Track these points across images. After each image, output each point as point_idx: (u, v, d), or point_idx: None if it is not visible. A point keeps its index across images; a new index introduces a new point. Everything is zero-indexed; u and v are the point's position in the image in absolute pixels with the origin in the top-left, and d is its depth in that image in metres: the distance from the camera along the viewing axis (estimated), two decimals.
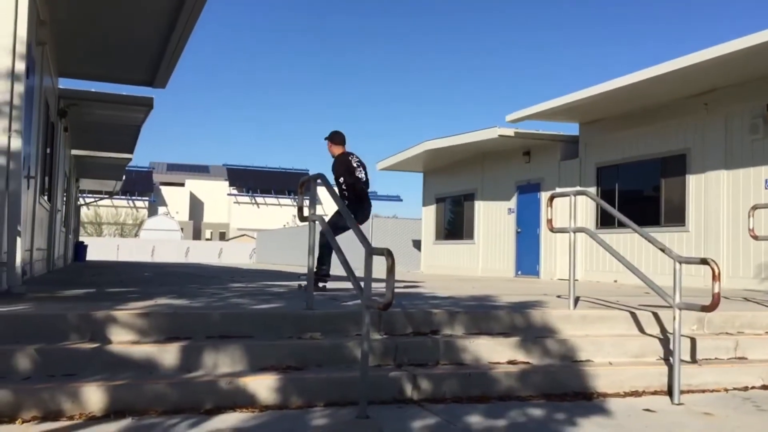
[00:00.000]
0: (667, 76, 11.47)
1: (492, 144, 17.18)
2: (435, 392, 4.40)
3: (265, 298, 6.50)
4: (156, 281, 9.68)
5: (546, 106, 14.31)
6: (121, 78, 12.64)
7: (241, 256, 48.66)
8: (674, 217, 13.15)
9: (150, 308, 4.94)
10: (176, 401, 3.91)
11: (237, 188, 63.30)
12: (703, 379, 4.97)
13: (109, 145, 17.89)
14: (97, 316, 4.50)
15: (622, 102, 13.49)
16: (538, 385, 4.62)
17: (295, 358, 4.51)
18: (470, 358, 4.84)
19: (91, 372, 4.07)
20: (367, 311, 4.02)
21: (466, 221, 20.00)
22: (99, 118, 14.63)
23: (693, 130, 12.88)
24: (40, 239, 10.74)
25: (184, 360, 4.29)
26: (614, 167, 14.77)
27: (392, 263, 3.79)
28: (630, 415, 4.17)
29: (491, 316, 5.34)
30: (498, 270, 18.29)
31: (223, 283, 9.41)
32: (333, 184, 5.05)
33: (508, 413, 4.11)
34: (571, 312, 5.63)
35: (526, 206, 17.31)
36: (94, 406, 3.77)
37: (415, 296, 7.11)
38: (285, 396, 4.11)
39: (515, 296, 7.45)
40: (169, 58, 10.79)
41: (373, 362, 4.57)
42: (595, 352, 5.12)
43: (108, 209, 57.19)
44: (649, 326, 5.59)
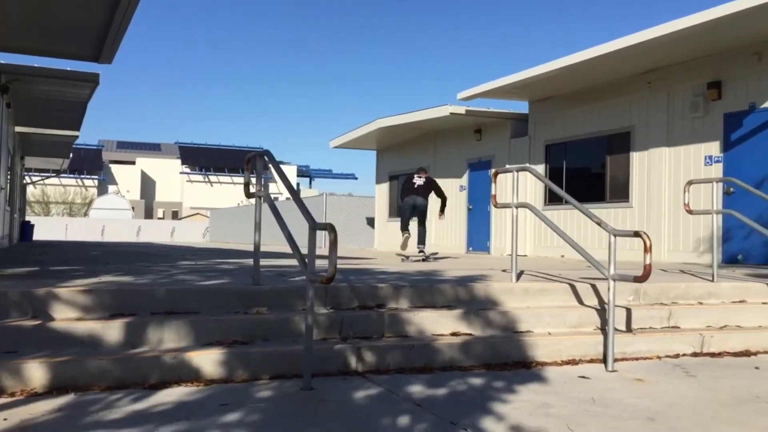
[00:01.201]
0: (612, 55, 11.70)
1: (444, 122, 17.30)
2: (379, 364, 4.50)
3: (213, 274, 6.51)
4: (103, 260, 9.57)
5: (496, 84, 14.46)
6: (66, 53, 12.31)
7: (195, 235, 48.14)
8: (619, 193, 13.49)
9: (94, 285, 4.92)
10: (120, 377, 3.92)
11: (189, 166, 62.38)
12: (637, 348, 5.18)
13: (54, 121, 17.46)
14: (39, 294, 4.47)
15: (570, 80, 13.71)
16: (480, 355, 4.76)
17: (242, 332, 4.56)
18: (414, 331, 4.95)
19: (32, 349, 4.06)
20: (311, 285, 4.08)
21: None
22: (43, 94, 14.27)
23: (637, 108, 13.20)
24: None
25: (128, 336, 4.29)
26: (562, 145, 15.04)
27: (334, 237, 3.85)
28: (566, 382, 4.34)
29: (436, 289, 5.46)
30: (450, 246, 18.51)
31: (172, 261, 9.36)
32: (279, 161, 5.05)
33: (450, 382, 4.24)
34: (513, 285, 5.79)
35: (477, 183, 17.52)
36: (36, 383, 3.77)
37: (363, 272, 7.19)
38: (230, 370, 4.16)
39: (462, 271, 7.60)
40: (114, 33, 10.56)
41: (319, 336, 4.65)
42: (536, 323, 5.29)
43: (56, 188, 55.86)
44: (588, 298, 5.79)
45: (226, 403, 3.64)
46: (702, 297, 6.26)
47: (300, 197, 4.58)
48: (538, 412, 3.62)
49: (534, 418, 3.49)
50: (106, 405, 3.55)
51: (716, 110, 11.61)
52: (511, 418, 3.48)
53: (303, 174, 68.75)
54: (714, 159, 11.60)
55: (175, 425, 3.23)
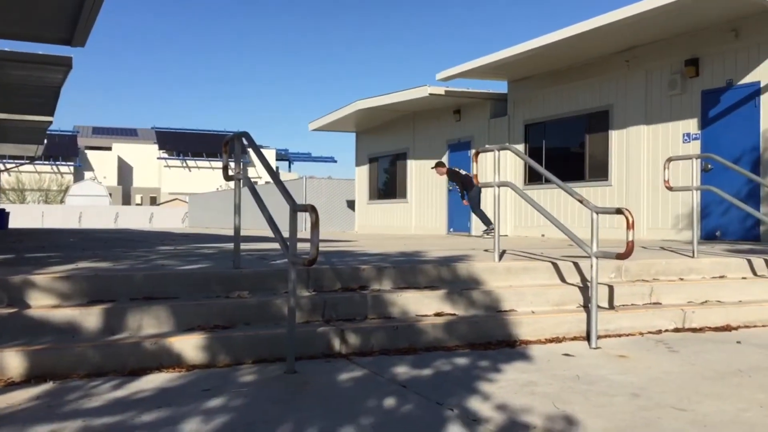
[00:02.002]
0: (590, 34, 11.68)
1: (423, 103, 17.23)
2: (363, 346, 4.47)
3: (193, 259, 6.43)
4: (80, 246, 9.43)
5: (475, 64, 14.39)
6: (37, 36, 12.03)
7: (174, 220, 47.73)
8: (598, 172, 13.54)
9: (71, 272, 4.83)
10: (99, 364, 3.86)
11: (167, 152, 61.72)
12: (620, 324, 5.20)
13: (26, 107, 17.11)
14: (14, 281, 4.37)
15: (548, 59, 13.69)
16: (464, 335, 4.75)
17: (223, 317, 4.50)
18: (398, 312, 4.93)
19: (8, 337, 3.97)
20: (293, 267, 4.03)
21: (399, 180, 20.11)
22: (13, 78, 13.95)
23: (615, 86, 13.21)
24: None
25: (107, 323, 4.22)
26: (541, 124, 15.04)
27: (316, 219, 3.80)
28: (550, 360, 4.34)
29: (418, 270, 5.43)
30: (431, 228, 18.52)
31: (151, 247, 9.24)
32: (258, 145, 4.97)
33: (434, 363, 4.22)
34: (496, 264, 5.77)
35: (457, 164, 17.46)
36: (13, 372, 3.69)
37: (345, 254, 7.15)
38: (212, 354, 4.11)
39: (444, 251, 7.58)
40: (87, 14, 10.33)
41: (302, 318, 4.60)
42: (519, 301, 5.28)
43: (30, 175, 55.07)
44: (570, 276, 5.80)
45: (209, 389, 3.59)
46: (683, 273, 6.29)
47: (280, 179, 4.51)
48: (523, 390, 3.61)
49: (520, 397, 3.48)
50: (86, 393, 3.49)
51: (694, 87, 11.66)
52: (497, 397, 3.47)
53: (282, 158, 68.37)
54: (692, 136, 11.66)
55: (157, 412, 3.17)
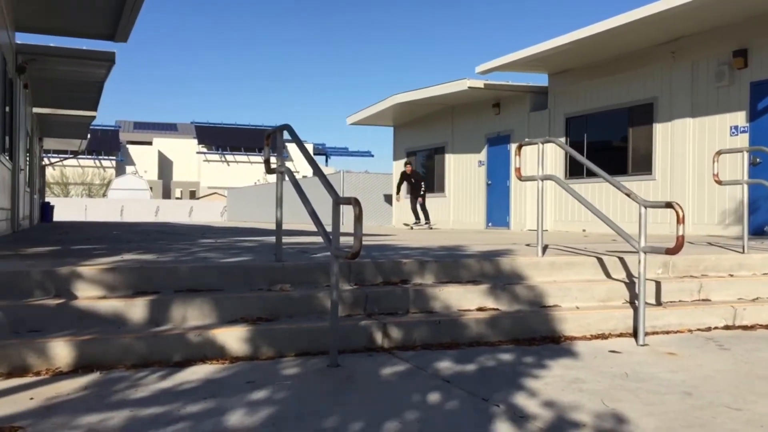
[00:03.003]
0: (634, 25, 11.44)
1: (461, 96, 17.10)
2: (405, 340, 4.43)
3: (235, 252, 6.47)
4: (123, 239, 9.57)
5: (515, 56, 14.23)
6: (82, 32, 12.27)
7: (212, 214, 48.31)
8: (641, 165, 13.28)
9: (117, 263, 4.88)
10: (145, 354, 3.88)
11: (206, 146, 62.47)
12: (668, 321, 5.08)
13: (71, 102, 17.47)
14: (62, 272, 4.43)
15: (590, 51, 13.45)
16: (508, 330, 4.68)
17: (266, 309, 4.50)
18: (440, 306, 4.88)
19: (57, 328, 4.03)
20: (336, 261, 4.00)
21: (437, 174, 20.01)
22: (60, 74, 14.25)
23: (660, 78, 12.93)
24: (3, 199, 10.52)
25: (152, 314, 4.25)
26: (583, 117, 14.81)
27: (359, 212, 3.76)
28: (596, 357, 4.25)
29: (461, 264, 5.37)
30: (469, 222, 18.40)
31: (192, 240, 9.33)
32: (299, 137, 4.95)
33: (478, 358, 4.17)
34: (539, 259, 5.68)
35: (496, 158, 17.34)
36: (62, 362, 3.74)
37: (385, 248, 7.12)
38: (255, 347, 4.11)
39: (485, 246, 7.50)
40: (129, 10, 10.49)
41: (344, 312, 4.58)
42: (563, 297, 5.19)
43: (74, 169, 56.23)
44: (616, 271, 5.68)
45: (253, 381, 3.59)
46: (732, 269, 6.12)
47: (323, 171, 4.50)
48: (570, 387, 3.53)
49: (567, 394, 3.40)
50: (132, 383, 3.52)
51: (742, 79, 11.34)
52: (543, 393, 3.41)
53: (319, 152, 68.63)
54: (740, 129, 11.35)
55: (202, 403, 3.18)
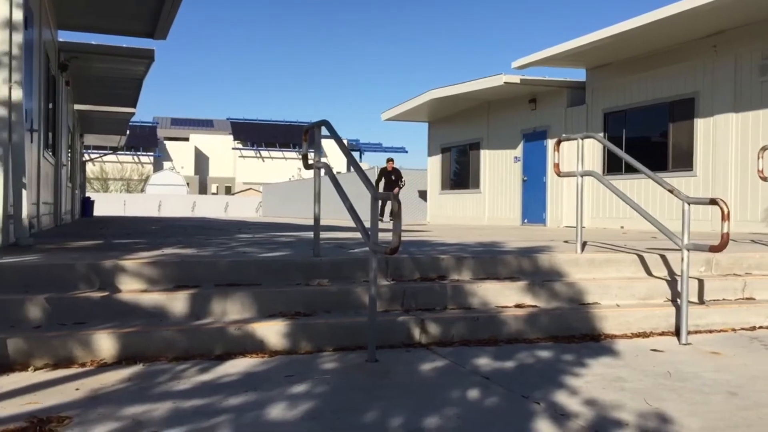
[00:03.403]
0: (675, 18, 11.23)
1: (497, 92, 16.98)
2: (443, 336, 4.42)
3: (273, 247, 6.51)
4: (163, 233, 9.71)
5: (552, 51, 14.08)
6: (121, 29, 12.45)
7: (248, 209, 48.79)
8: (682, 161, 13.05)
9: (158, 257, 4.96)
10: (186, 347, 3.94)
11: (241, 142, 63.07)
12: (711, 320, 4.98)
13: (111, 98, 17.76)
14: (106, 266, 4.51)
15: (629, 46, 13.26)
16: (546, 327, 4.64)
17: (304, 304, 4.53)
18: (478, 302, 4.85)
19: (101, 320, 4.10)
20: (374, 256, 4.01)
21: (472, 170, 19.92)
22: (100, 71, 14.49)
23: (702, 73, 12.68)
24: (46, 193, 10.74)
25: (192, 307, 4.31)
26: (622, 113, 14.60)
27: (398, 207, 3.76)
28: (638, 355, 4.19)
29: (498, 260, 5.34)
30: (504, 218, 18.28)
31: (230, 234, 9.43)
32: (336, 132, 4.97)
33: (517, 355, 4.14)
34: (578, 256, 5.62)
35: (532, 154, 17.19)
36: (105, 353, 3.80)
37: (422, 243, 7.11)
38: (294, 341, 4.14)
39: (522, 242, 7.45)
40: (168, 8, 10.61)
41: (382, 307, 4.59)
42: (603, 294, 5.13)
43: (113, 165, 57.27)
44: (657, 269, 5.59)
45: (292, 375, 3.61)
46: None
47: (361, 167, 4.50)
48: (612, 386, 3.49)
49: (608, 393, 3.36)
50: (174, 375, 3.57)
51: None
52: (584, 392, 3.37)
53: (353, 148, 68.75)
54: None
55: (243, 396, 3.21)
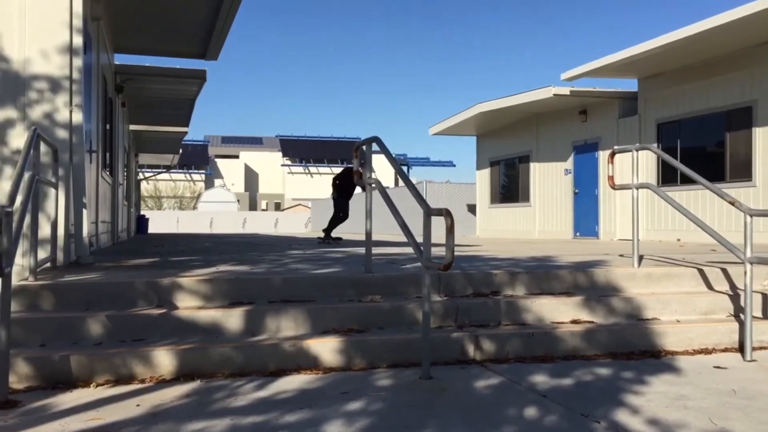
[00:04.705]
0: (730, 26, 10.96)
1: (546, 104, 16.82)
2: (497, 352, 4.37)
3: (325, 263, 6.55)
4: (216, 250, 9.87)
5: (603, 62, 13.89)
6: (174, 51, 12.76)
7: (297, 225, 49.24)
8: (740, 172, 12.68)
9: (213, 275, 5.03)
10: (242, 364, 3.98)
11: (290, 159, 63.80)
12: None
13: (165, 119, 18.19)
14: (163, 283, 4.60)
15: (683, 54, 12.98)
16: (604, 344, 4.54)
17: (357, 320, 4.53)
18: (532, 318, 4.78)
19: (159, 337, 4.18)
20: (427, 272, 3.99)
21: (522, 183, 19.73)
22: (154, 92, 14.86)
23: (759, 80, 12.33)
24: (104, 212, 11.04)
25: (247, 324, 4.35)
26: (675, 123, 14.28)
27: (451, 223, 3.74)
28: (700, 373, 4.06)
29: (552, 275, 5.26)
30: (555, 232, 18.04)
31: (281, 251, 9.52)
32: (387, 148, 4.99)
33: (574, 372, 4.06)
34: (635, 270, 5.50)
35: (583, 166, 16.94)
36: (164, 370, 3.87)
37: (473, 258, 7.05)
38: (348, 358, 4.14)
39: (575, 256, 7.33)
40: (220, 29, 10.83)
41: (434, 324, 4.56)
42: (662, 310, 5.00)
43: (166, 183, 58.53)
44: (718, 283, 5.42)
45: (347, 392, 3.61)
46: None
47: (413, 183, 4.50)
48: (674, 404, 3.39)
49: (672, 411, 3.26)
50: (231, 392, 3.60)
51: None
52: (646, 410, 3.28)
53: (401, 163, 68.92)
54: None
55: (299, 413, 3.22)
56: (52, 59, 6.18)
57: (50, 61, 6.17)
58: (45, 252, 5.93)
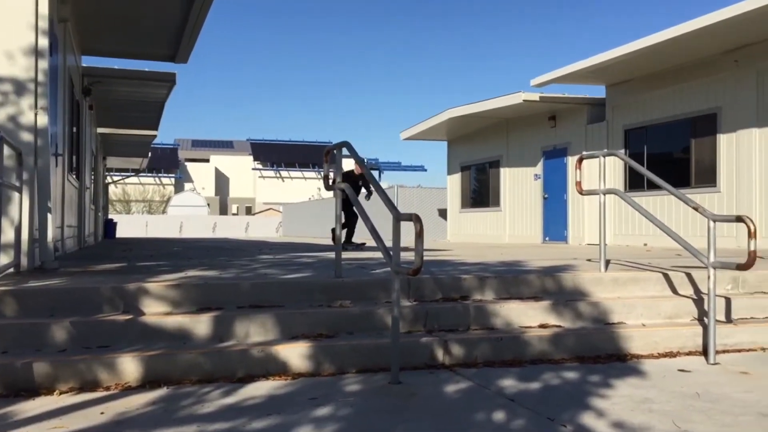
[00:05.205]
0: (697, 33, 11.18)
1: (516, 109, 16.98)
2: (467, 357, 4.39)
3: (294, 268, 6.52)
4: (185, 255, 9.77)
5: (572, 68, 14.06)
6: (143, 54, 12.64)
7: (268, 229, 48.98)
8: (705, 177, 12.92)
9: (181, 280, 4.98)
10: (210, 370, 3.94)
11: (261, 162, 63.50)
12: (739, 339, 4.89)
13: (134, 122, 18.00)
14: (130, 289, 4.54)
15: (650, 62, 13.20)
16: (571, 348, 4.59)
17: (326, 326, 4.52)
18: (501, 323, 4.81)
19: (125, 343, 4.12)
20: (397, 277, 3.99)
21: (492, 188, 19.88)
22: (123, 95, 14.70)
23: (723, 88, 12.58)
24: (71, 216, 10.87)
25: (216, 330, 4.32)
26: (642, 129, 14.51)
27: (420, 228, 3.75)
28: (665, 376, 4.12)
29: (521, 280, 5.30)
30: (525, 236, 18.19)
31: (251, 256, 9.47)
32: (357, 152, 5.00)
33: (542, 376, 4.09)
34: (602, 275, 5.57)
35: (553, 171, 17.12)
36: (130, 377, 3.82)
37: (443, 263, 7.08)
38: (317, 363, 4.13)
39: (544, 261, 7.40)
40: (189, 32, 10.76)
41: (404, 328, 4.56)
42: (628, 314, 5.06)
43: (135, 186, 57.84)
44: (683, 287, 5.52)
45: (316, 398, 3.60)
46: None
47: (383, 189, 4.51)
48: (640, 407, 3.43)
49: (637, 414, 3.31)
50: (198, 398, 3.57)
51: None
52: (611, 413, 3.32)
53: (372, 167, 68.94)
54: None
55: (267, 419, 3.20)
56: (17, 61, 6.08)
57: (15, 63, 6.08)
58: (8, 257, 5.82)
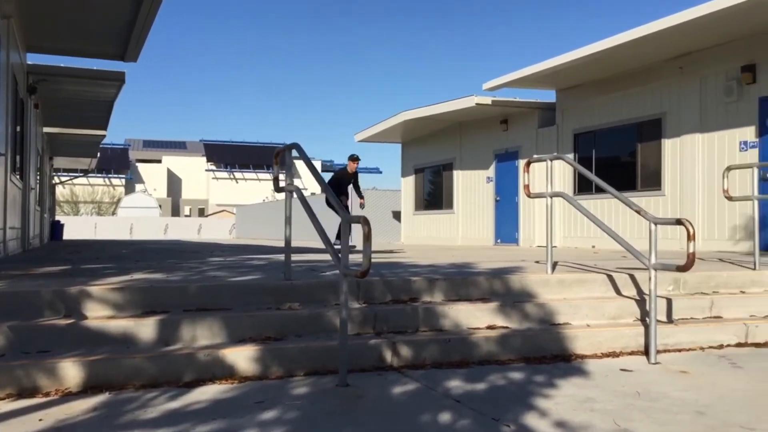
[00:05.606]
0: (643, 40, 11.46)
1: (469, 113, 17.14)
2: (415, 359, 4.41)
3: (244, 270, 6.47)
4: (133, 257, 9.60)
5: (523, 73, 14.26)
6: (92, 52, 12.39)
7: (221, 231, 48.41)
8: (650, 181, 13.25)
9: (126, 283, 4.89)
10: (154, 375, 3.88)
11: (215, 164, 62.76)
12: (679, 339, 5.03)
13: (82, 121, 17.61)
14: (72, 292, 4.44)
15: (598, 67, 13.48)
16: (518, 348, 4.65)
17: (274, 328, 4.49)
18: (450, 324, 4.86)
19: (66, 348, 4.03)
20: (345, 279, 4.00)
21: (445, 191, 20.02)
22: (70, 93, 14.38)
23: (668, 94, 12.92)
24: (14, 218, 10.58)
25: (161, 334, 4.25)
26: (591, 133, 14.80)
27: (369, 231, 3.77)
28: (608, 375, 4.21)
29: (470, 282, 5.35)
30: (478, 238, 18.36)
31: (202, 258, 9.35)
32: (308, 155, 4.98)
33: (488, 377, 4.14)
34: (549, 276, 5.66)
35: (505, 174, 17.34)
36: (71, 382, 3.73)
37: (394, 265, 7.11)
38: (265, 367, 4.10)
39: (494, 263, 7.48)
40: (139, 31, 10.58)
41: (353, 331, 4.57)
42: (573, 314, 5.16)
43: (84, 187, 56.53)
44: (626, 288, 5.65)
45: (263, 401, 3.58)
46: (744, 286, 6.08)
47: (332, 191, 4.50)
48: (582, 407, 3.50)
49: (578, 414, 3.37)
50: (142, 404, 3.51)
51: (751, 94, 11.33)
52: (554, 413, 3.38)
53: (327, 169, 68.72)
54: (749, 144, 11.32)
55: (212, 424, 3.17)
56: None
57: None
58: None
